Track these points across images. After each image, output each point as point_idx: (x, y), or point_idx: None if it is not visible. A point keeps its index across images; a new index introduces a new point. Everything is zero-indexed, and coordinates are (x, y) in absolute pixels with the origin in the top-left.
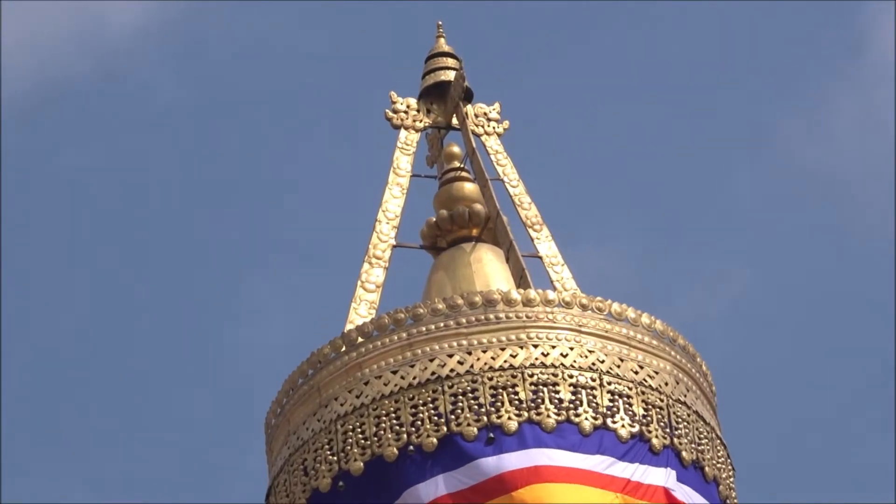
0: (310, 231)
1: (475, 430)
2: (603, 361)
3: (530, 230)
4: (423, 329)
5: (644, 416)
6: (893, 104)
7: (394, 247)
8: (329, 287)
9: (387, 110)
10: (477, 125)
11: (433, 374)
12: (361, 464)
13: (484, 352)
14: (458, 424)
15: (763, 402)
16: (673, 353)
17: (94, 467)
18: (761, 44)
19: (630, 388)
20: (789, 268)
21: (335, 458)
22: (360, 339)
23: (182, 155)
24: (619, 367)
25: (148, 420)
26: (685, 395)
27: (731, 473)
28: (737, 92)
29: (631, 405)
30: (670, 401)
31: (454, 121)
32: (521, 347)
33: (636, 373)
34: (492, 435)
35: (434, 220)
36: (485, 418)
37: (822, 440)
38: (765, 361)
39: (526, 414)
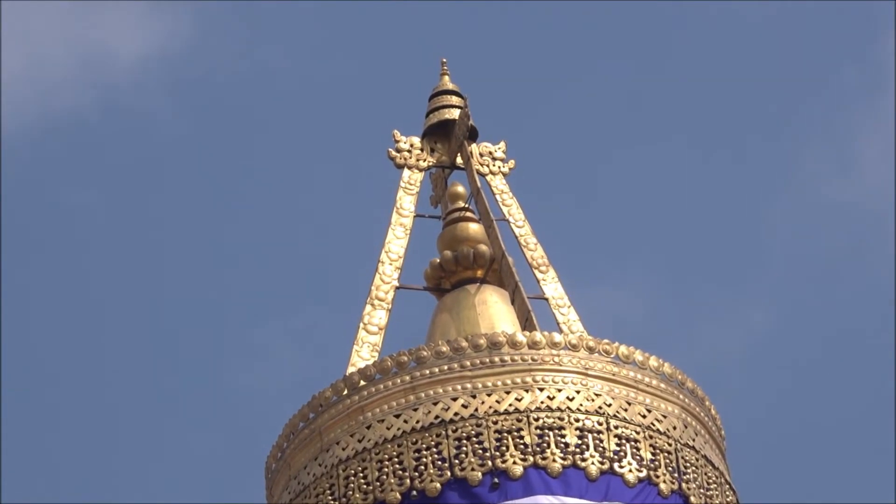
0: (312, 272)
1: (479, 474)
2: (610, 405)
3: (536, 271)
4: (427, 372)
5: (652, 461)
6: None
7: (397, 288)
8: (332, 329)
9: (390, 149)
10: (482, 164)
11: (437, 417)
12: None
13: (489, 395)
14: (462, 469)
15: (780, 445)
16: (681, 396)
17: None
18: (783, 78)
19: (637, 433)
20: (814, 306)
21: (337, 503)
22: (362, 383)
23: (185, 189)
24: (626, 410)
25: (158, 460)
26: (694, 440)
27: None
28: (760, 127)
29: (638, 449)
30: (679, 445)
31: (459, 160)
32: (527, 391)
33: (644, 416)
34: (496, 480)
35: (438, 260)
36: (489, 463)
37: (837, 484)
38: (783, 403)
39: (531, 458)
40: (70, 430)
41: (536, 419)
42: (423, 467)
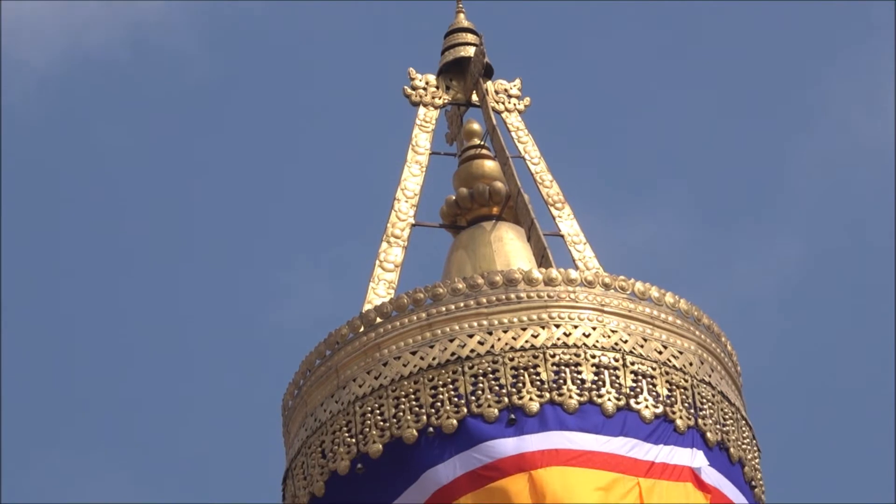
0: (329, 209)
1: (496, 411)
2: (626, 341)
3: (552, 208)
4: (443, 309)
5: (668, 397)
6: None
7: (413, 226)
8: (355, 266)
9: (405, 87)
10: (497, 102)
11: (453, 354)
12: (380, 446)
13: (505, 332)
14: (479, 406)
15: (811, 380)
16: (697, 332)
17: (136, 448)
18: (812, 15)
19: (654, 369)
20: (841, 240)
21: (353, 440)
22: (378, 320)
23: (213, 127)
24: (642, 346)
25: (188, 402)
26: (710, 376)
27: (756, 455)
28: (788, 65)
29: (655, 386)
30: (695, 381)
31: (474, 97)
32: (543, 327)
33: (660, 353)
34: (513, 416)
35: (454, 198)
36: (506, 399)
37: (866, 420)
38: (816, 339)
39: (548, 395)
40: (92, 366)
41: (553, 356)
42: (439, 404)
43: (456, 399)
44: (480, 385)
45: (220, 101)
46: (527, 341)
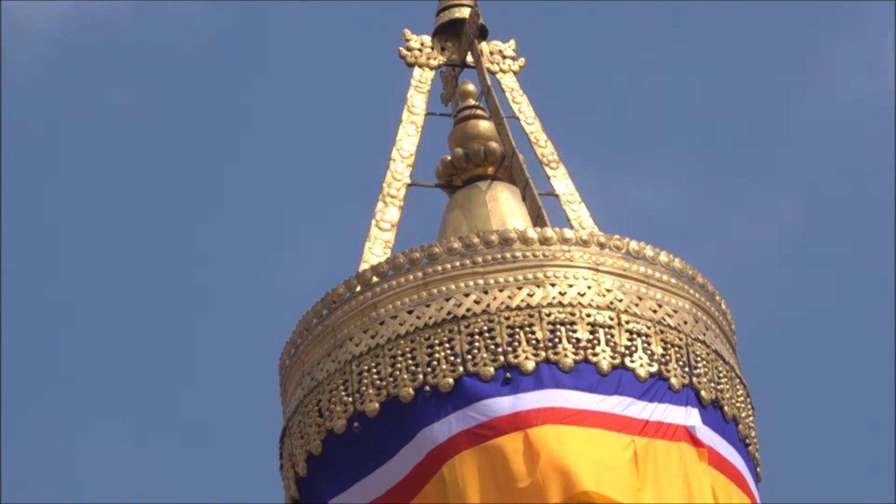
0: (326, 169)
1: (492, 369)
2: (621, 300)
3: (546, 168)
4: (439, 268)
5: (663, 356)
6: None
7: (408, 185)
8: (346, 226)
9: (400, 48)
10: (492, 63)
11: (449, 313)
12: (377, 405)
13: (500, 291)
14: (475, 364)
15: (810, 336)
16: (692, 291)
17: (136, 408)
18: None
19: (648, 327)
20: (840, 199)
21: (350, 399)
22: (374, 279)
23: (215, 89)
24: (637, 305)
25: (187, 361)
26: (704, 334)
27: (750, 412)
28: (785, 19)
29: (649, 344)
30: (689, 339)
31: (469, 58)
32: (538, 286)
33: (654, 311)
34: (508, 375)
35: (449, 158)
36: (501, 358)
37: (867, 375)
38: (816, 295)
39: (543, 353)
40: (92, 327)
41: (548, 314)
42: (435, 363)
43: (452, 358)
44: (476, 344)
45: (221, 61)
46: (522, 300)
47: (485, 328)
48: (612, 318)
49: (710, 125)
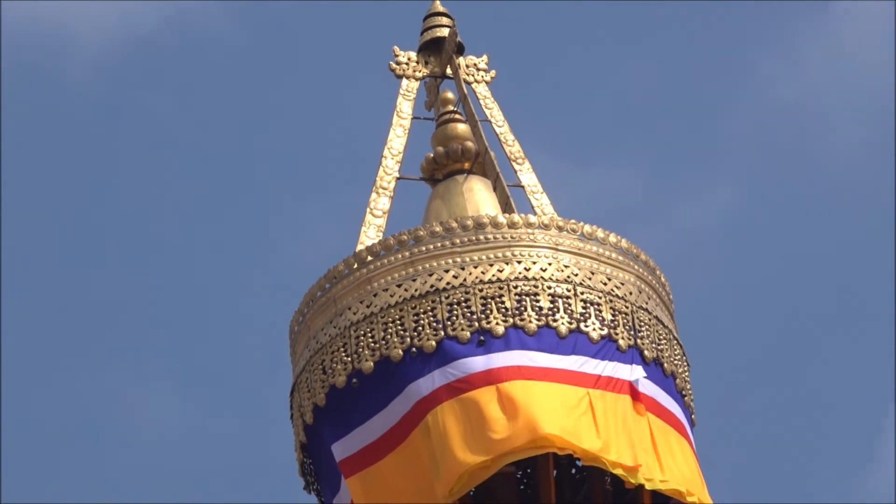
0: (327, 164)
1: (468, 333)
2: (577, 275)
3: (514, 164)
4: (423, 248)
5: (612, 321)
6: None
7: (397, 179)
8: (343, 213)
9: (391, 62)
10: (468, 74)
11: (432, 286)
12: (371, 363)
13: (475, 267)
14: (454, 329)
15: (743, 303)
16: (636, 266)
17: (174, 362)
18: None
19: (600, 297)
20: (769, 186)
21: (349, 359)
22: (369, 258)
23: (240, 93)
24: (590, 279)
25: (216, 323)
26: (647, 303)
27: (686, 369)
28: (721, 33)
29: (601, 311)
30: (634, 308)
31: (448, 71)
32: (507, 263)
33: (605, 284)
34: (482, 338)
35: (432, 155)
36: (476, 324)
37: (786, 332)
38: (748, 269)
39: (511, 320)
40: (137, 293)
41: (515, 287)
42: (420, 328)
43: (434, 324)
44: (455, 312)
45: (246, 73)
46: (493, 275)
47: (462, 299)
48: (569, 290)
49: (659, 122)
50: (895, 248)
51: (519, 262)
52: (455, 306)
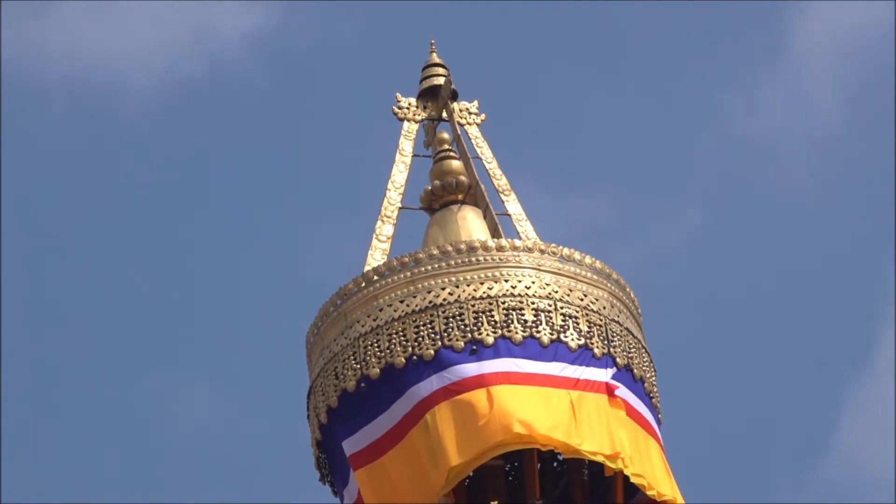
0: (341, 196)
1: (462, 343)
2: (557, 292)
3: (501, 195)
4: (423, 269)
5: (588, 332)
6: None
7: (400, 208)
8: (352, 238)
9: (393, 107)
10: (461, 118)
11: (430, 302)
12: (378, 370)
13: (468, 286)
14: (450, 340)
15: (708, 313)
16: (609, 284)
17: (216, 367)
18: (707, 40)
19: (577, 312)
20: (730, 211)
21: (358, 366)
22: (375, 277)
23: (271, 132)
24: (568, 295)
25: (246, 333)
26: (618, 316)
27: (653, 374)
28: (687, 75)
29: (578, 324)
30: (607, 320)
31: (444, 114)
32: (496, 282)
33: (582, 300)
34: (474, 347)
35: (430, 188)
36: (469, 335)
37: (747, 342)
38: (712, 279)
39: (500, 331)
40: (165, 303)
41: (503, 303)
42: (420, 339)
43: (433, 335)
44: (450, 325)
45: (277, 112)
46: (484, 292)
47: (456, 313)
48: (550, 305)
49: (632, 155)
50: (841, 267)
51: (506, 281)
52: (450, 319)
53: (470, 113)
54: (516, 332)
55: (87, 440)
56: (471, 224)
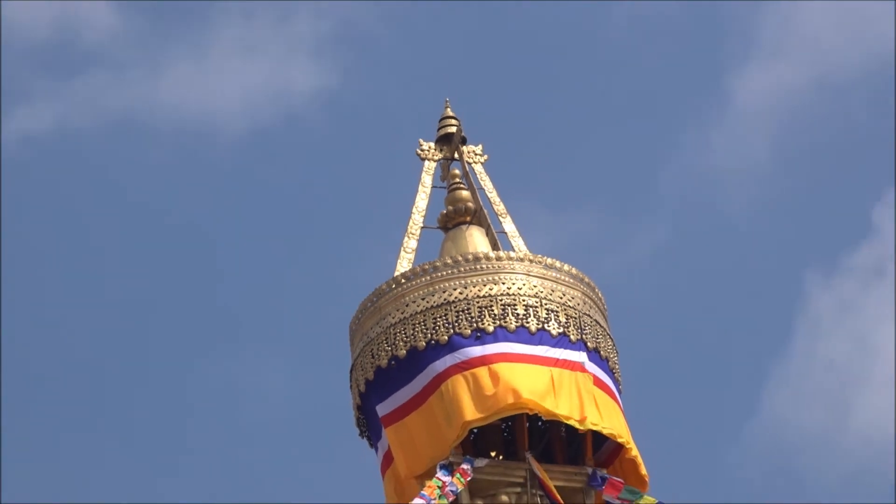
0: (379, 218)
1: (469, 331)
2: (542, 292)
3: (500, 217)
4: (439, 275)
5: (566, 323)
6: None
7: (422, 228)
8: (385, 252)
9: (417, 150)
10: (469, 158)
11: (445, 300)
12: (405, 351)
13: (474, 287)
14: (460, 328)
15: (665, 314)
16: (582, 286)
17: (282, 346)
18: (671, 93)
19: (557, 307)
20: (690, 228)
21: (390, 348)
22: (403, 280)
23: (323, 167)
24: (551, 294)
25: (299, 325)
26: (590, 311)
27: (616, 354)
28: (650, 120)
29: (558, 316)
30: (580, 314)
31: (456, 155)
32: (495, 284)
33: (561, 298)
34: (479, 334)
35: (445, 212)
36: (475, 324)
37: (699, 335)
38: (675, 284)
39: (498, 322)
40: (242, 300)
41: (501, 300)
42: (437, 327)
43: (447, 325)
44: (461, 317)
45: (333, 152)
46: (486, 292)
47: (465, 308)
48: (536, 302)
49: (610, 183)
50: (767, 270)
51: (503, 284)
52: (461, 313)
53: (476, 154)
54: (511, 323)
55: (184, 417)
56: (476, 240)
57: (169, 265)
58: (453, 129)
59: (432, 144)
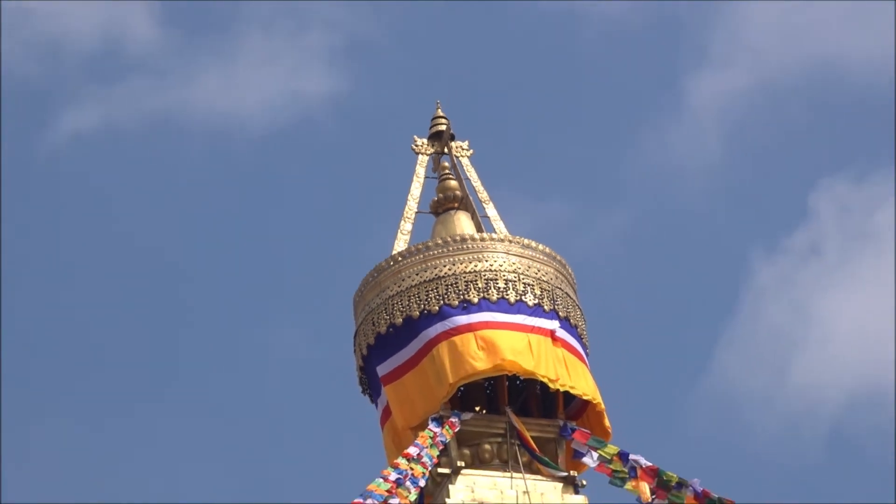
0: (377, 205)
1: (456, 302)
2: (520, 269)
3: (484, 204)
4: (431, 253)
5: (540, 295)
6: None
7: (416, 213)
8: (384, 234)
9: (412, 145)
10: (457, 152)
11: (436, 275)
12: (401, 319)
13: (461, 264)
14: (448, 300)
15: (629, 287)
16: (555, 263)
17: (315, 315)
18: (630, 96)
19: (533, 282)
20: (650, 213)
21: (388, 316)
22: (399, 258)
23: (334, 164)
24: (527, 270)
25: (318, 298)
26: (561, 284)
27: (584, 323)
28: (619, 122)
29: (534, 289)
30: (553, 287)
31: (446, 150)
32: (479, 262)
33: (536, 273)
34: (465, 305)
35: (436, 199)
36: (462, 296)
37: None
38: (640, 261)
39: (482, 294)
40: (266, 277)
41: (484, 275)
42: (429, 299)
43: (437, 297)
44: (449, 290)
45: (343, 150)
46: (471, 269)
47: (453, 282)
48: (514, 277)
49: (581, 174)
50: (717, 250)
51: (486, 261)
52: (449, 286)
53: (463, 149)
54: (493, 295)
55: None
56: (463, 223)
57: (200, 244)
58: (443, 127)
59: (425, 141)
